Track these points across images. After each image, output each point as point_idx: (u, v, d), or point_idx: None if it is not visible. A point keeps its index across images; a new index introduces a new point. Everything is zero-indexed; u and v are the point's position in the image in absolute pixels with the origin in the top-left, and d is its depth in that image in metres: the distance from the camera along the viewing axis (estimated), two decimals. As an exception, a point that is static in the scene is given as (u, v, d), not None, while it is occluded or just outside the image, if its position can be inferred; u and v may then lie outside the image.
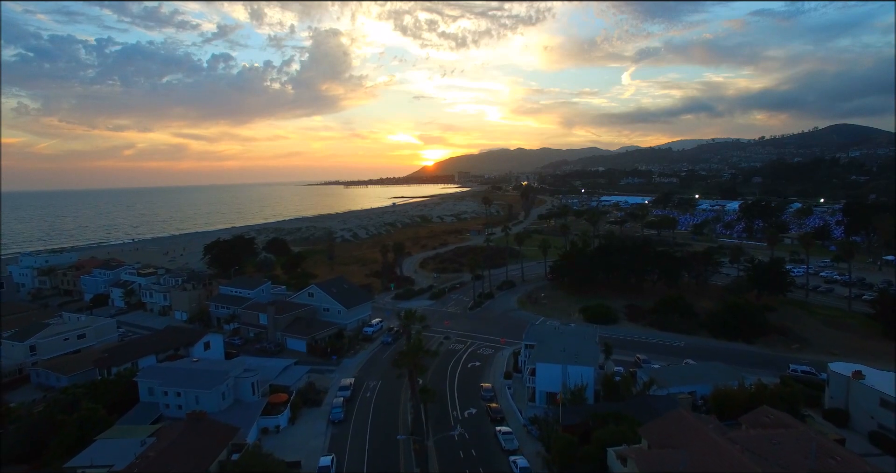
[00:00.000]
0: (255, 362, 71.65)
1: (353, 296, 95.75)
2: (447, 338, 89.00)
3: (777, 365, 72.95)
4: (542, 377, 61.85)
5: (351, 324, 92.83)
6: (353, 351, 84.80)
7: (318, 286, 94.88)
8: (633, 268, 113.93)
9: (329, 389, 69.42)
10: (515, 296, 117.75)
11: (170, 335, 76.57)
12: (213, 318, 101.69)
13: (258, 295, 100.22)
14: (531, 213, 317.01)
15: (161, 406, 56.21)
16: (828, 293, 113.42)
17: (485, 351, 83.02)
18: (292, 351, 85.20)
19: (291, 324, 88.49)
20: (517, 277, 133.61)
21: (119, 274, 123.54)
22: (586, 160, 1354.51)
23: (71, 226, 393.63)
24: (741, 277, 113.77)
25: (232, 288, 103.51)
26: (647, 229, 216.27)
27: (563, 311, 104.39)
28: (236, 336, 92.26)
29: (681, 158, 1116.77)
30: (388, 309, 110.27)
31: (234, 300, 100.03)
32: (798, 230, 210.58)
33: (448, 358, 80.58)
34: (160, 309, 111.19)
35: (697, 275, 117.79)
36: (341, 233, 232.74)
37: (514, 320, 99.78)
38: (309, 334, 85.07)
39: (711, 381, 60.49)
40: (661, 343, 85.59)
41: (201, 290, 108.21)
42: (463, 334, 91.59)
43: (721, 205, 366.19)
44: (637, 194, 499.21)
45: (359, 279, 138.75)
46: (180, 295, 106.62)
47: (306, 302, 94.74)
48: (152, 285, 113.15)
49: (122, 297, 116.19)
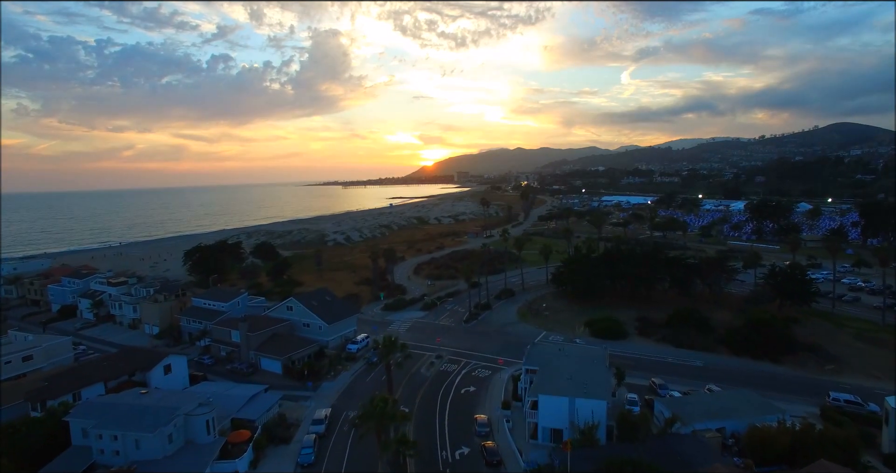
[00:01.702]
0: (219, 389, 63.03)
1: (336, 310, 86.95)
2: (439, 358, 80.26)
3: (812, 391, 64.27)
4: (545, 411, 53.12)
5: (333, 341, 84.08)
6: (333, 372, 75.98)
7: (298, 299, 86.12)
8: (642, 277, 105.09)
9: (302, 421, 60.73)
10: (515, 307, 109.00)
11: (124, 358, 67.74)
12: (184, 333, 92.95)
13: (232, 309, 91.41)
14: (531, 214, 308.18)
15: (95, 452, 47.44)
16: (854, 302, 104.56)
17: (481, 373, 74.28)
18: (266, 373, 76.57)
19: (266, 342, 79.74)
20: (517, 284, 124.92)
21: (88, 283, 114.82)
22: (586, 160, 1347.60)
23: (60, 228, 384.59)
24: (760, 286, 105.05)
25: (204, 300, 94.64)
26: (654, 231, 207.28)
27: (566, 324, 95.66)
28: (207, 354, 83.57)
29: (681, 157, 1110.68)
30: (377, 321, 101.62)
31: (206, 313, 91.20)
32: (810, 232, 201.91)
33: (439, 381, 71.84)
34: (130, 322, 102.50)
35: (711, 283, 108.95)
36: (333, 237, 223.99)
37: (514, 335, 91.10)
38: (285, 354, 76.27)
39: (743, 416, 51.92)
40: (677, 362, 76.89)
41: (173, 302, 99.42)
42: (457, 352, 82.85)
43: (726, 206, 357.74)
44: (638, 194, 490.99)
45: (347, 287, 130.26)
46: (150, 308, 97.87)
47: (285, 317, 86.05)
48: (122, 296, 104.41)
49: (89, 309, 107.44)
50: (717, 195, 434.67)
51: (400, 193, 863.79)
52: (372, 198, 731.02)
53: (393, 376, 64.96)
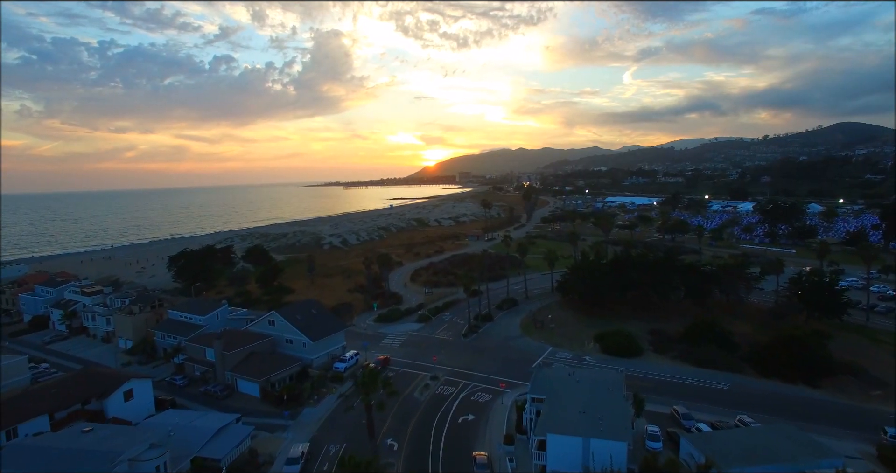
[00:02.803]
0: (184, 420, 55.28)
1: (322, 325, 79.31)
2: (434, 379, 72.52)
3: (861, 423, 56.40)
4: (555, 454, 45.47)
5: (319, 359, 76.54)
6: (317, 396, 68.37)
7: (281, 313, 78.49)
8: (656, 286, 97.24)
9: (276, 458, 53.16)
10: (518, 318, 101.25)
11: (79, 382, 60.16)
12: (159, 349, 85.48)
13: (210, 323, 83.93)
14: (533, 216, 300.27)
15: (19, 508, 39.95)
16: (888, 314, 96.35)
17: (480, 398, 66.56)
18: (244, 396, 69.12)
19: (244, 362, 72.17)
20: (520, 292, 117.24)
21: (62, 292, 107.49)
22: (588, 160, 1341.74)
23: (55, 230, 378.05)
24: (784, 295, 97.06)
25: (180, 312, 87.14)
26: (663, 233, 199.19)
27: (574, 338, 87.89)
28: (180, 374, 76.07)
29: (683, 157, 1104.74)
30: (370, 334, 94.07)
31: (181, 327, 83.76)
32: (825, 234, 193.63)
33: (434, 407, 64.19)
34: (104, 334, 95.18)
35: (729, 292, 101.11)
36: (330, 240, 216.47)
37: (517, 351, 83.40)
38: (263, 375, 68.67)
39: (789, 459, 44.07)
40: (699, 384, 69.06)
41: (149, 314, 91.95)
42: (454, 371, 75.14)
43: (733, 206, 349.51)
44: (642, 194, 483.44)
45: (340, 294, 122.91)
46: (124, 320, 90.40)
47: (266, 332, 78.57)
48: (95, 307, 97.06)
49: (61, 320, 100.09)
50: (723, 195, 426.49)
51: (401, 194, 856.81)
52: (373, 199, 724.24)
53: (382, 402, 57.23)
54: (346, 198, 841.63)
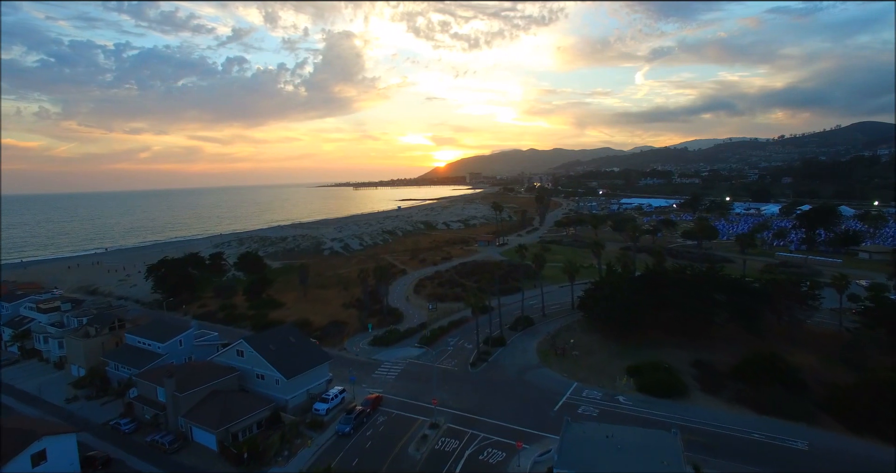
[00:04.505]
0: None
1: (300, 357, 65.98)
2: (434, 427, 58.87)
3: None
4: None
5: (295, 399, 63.27)
6: (289, 450, 55.12)
7: (251, 341, 65.19)
8: (697, 306, 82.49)
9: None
10: (535, 342, 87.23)
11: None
12: (113, 381, 72.80)
13: (171, 351, 71.07)
14: (546, 219, 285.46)
15: None
16: None
17: (492, 457, 52.67)
18: (199, 449, 56.08)
19: (203, 403, 59.13)
20: (536, 309, 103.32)
21: (18, 307, 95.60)
22: (600, 160, 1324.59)
23: (56, 232, 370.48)
24: (855, 318, 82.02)
25: (138, 337, 74.31)
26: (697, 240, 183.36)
27: (602, 371, 73.72)
28: (128, 416, 63.20)
29: (697, 158, 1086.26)
30: (361, 361, 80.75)
31: (138, 356, 71.03)
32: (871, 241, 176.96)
33: (433, 470, 50.56)
34: (57, 359, 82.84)
35: (780, 315, 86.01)
36: (331, 245, 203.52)
37: (535, 387, 69.43)
38: (224, 422, 55.48)
39: None
40: (768, 441, 54.56)
41: (107, 337, 79.38)
42: (460, 416, 61.41)
43: (756, 209, 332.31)
44: (658, 196, 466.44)
45: (334, 310, 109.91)
46: (75, 344, 77.83)
47: (233, 364, 65.52)
48: (48, 326, 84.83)
49: (10, 341, 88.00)
50: (745, 197, 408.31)
51: (410, 195, 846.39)
52: (382, 200, 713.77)
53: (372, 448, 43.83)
54: (355, 199, 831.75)
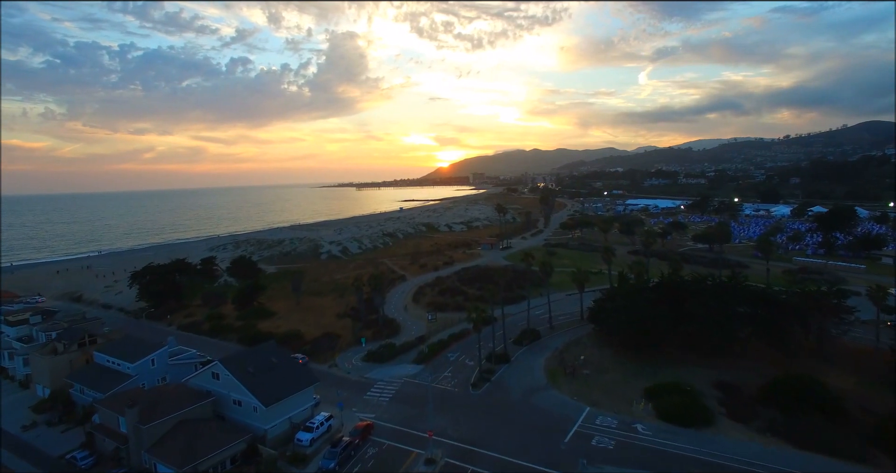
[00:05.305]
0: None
1: (282, 381, 59.27)
2: (430, 462, 52.12)
3: None
4: None
5: (276, 428, 56.56)
6: (263, 492, 48.53)
7: (226, 363, 58.46)
8: (719, 321, 75.32)
9: None
10: (542, 358, 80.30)
11: None
12: (78, 405, 66.32)
13: (142, 371, 64.51)
14: (551, 220, 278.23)
15: None
16: None
17: (495, 504, 45.98)
18: (163, 489, 49.53)
19: (171, 435, 52.51)
20: (542, 320, 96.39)
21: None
22: (603, 161, 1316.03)
23: (52, 234, 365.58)
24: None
25: (107, 355, 67.80)
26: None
27: (617, 393, 66.78)
28: (88, 448, 56.66)
29: (702, 158, 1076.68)
30: (353, 380, 74.08)
31: (105, 377, 64.53)
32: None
33: (426, 520, 43.86)
34: (22, 378, 76.49)
35: (810, 330, 78.59)
36: (329, 248, 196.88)
37: (543, 413, 62.49)
38: (191, 459, 48.87)
39: None
40: (811, 484, 47.67)
41: (76, 354, 73.00)
42: (459, 449, 54.58)
43: (766, 210, 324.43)
44: (664, 197, 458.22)
45: (327, 320, 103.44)
46: (41, 362, 71.50)
47: (209, 389, 58.91)
48: (14, 342, 78.50)
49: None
50: (753, 198, 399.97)
51: (413, 195, 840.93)
52: (384, 201, 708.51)
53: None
54: (358, 199, 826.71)
